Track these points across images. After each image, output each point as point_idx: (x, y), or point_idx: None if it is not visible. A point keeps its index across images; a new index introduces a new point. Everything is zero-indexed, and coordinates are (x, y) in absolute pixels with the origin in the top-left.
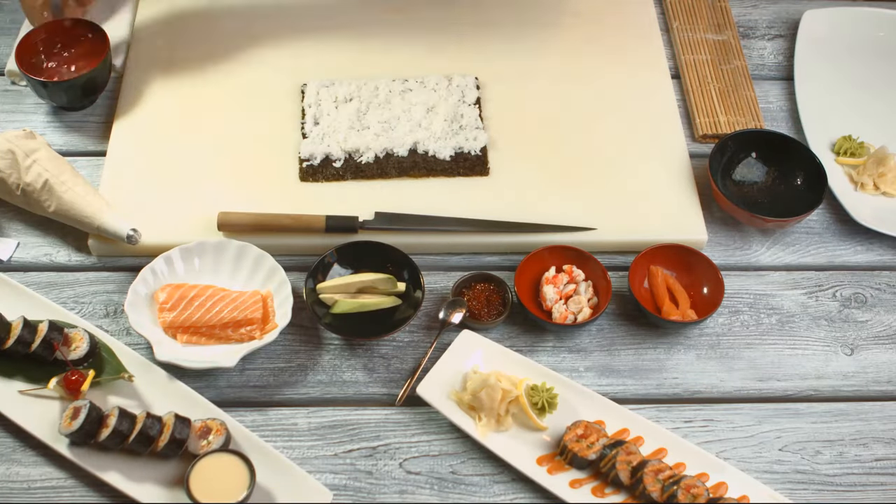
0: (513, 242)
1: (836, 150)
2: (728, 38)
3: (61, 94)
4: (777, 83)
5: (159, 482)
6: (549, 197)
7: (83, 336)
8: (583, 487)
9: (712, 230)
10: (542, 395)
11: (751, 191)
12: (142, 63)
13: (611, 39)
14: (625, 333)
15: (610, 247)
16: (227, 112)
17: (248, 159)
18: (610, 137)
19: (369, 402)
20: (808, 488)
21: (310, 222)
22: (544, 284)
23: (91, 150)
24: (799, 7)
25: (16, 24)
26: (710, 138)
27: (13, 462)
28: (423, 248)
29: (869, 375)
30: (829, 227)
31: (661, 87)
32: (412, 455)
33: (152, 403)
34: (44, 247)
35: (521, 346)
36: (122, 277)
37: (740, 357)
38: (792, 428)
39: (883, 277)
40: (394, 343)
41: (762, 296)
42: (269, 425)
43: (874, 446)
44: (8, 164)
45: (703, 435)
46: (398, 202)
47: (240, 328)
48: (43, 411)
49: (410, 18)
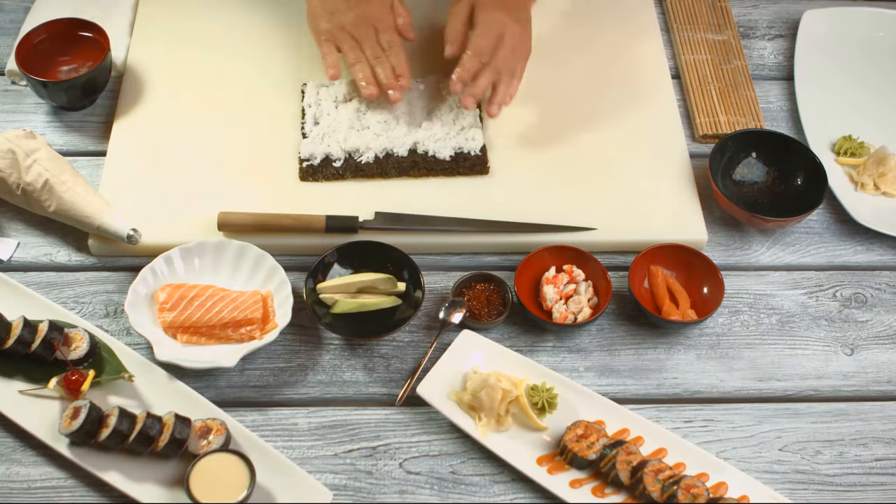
0: (513, 242)
1: (836, 150)
2: (728, 37)
3: (61, 93)
4: (777, 83)
5: (159, 482)
6: (550, 197)
7: (83, 336)
8: (583, 487)
9: (712, 230)
10: (543, 395)
11: (751, 191)
12: (142, 63)
13: (611, 39)
14: (625, 333)
15: (610, 247)
16: (228, 112)
17: (249, 159)
18: (610, 137)
19: (369, 402)
20: (808, 488)
21: (310, 222)
22: (544, 284)
23: (91, 149)
24: (799, 7)
25: (16, 23)
26: (711, 138)
27: (13, 462)
28: (423, 248)
29: (869, 375)
30: (829, 227)
31: (661, 87)
32: (412, 455)
33: (152, 403)
34: (44, 247)
35: (521, 346)
36: (123, 277)
37: (740, 357)
38: (792, 428)
39: (883, 277)
40: (394, 343)
41: (762, 296)
42: (269, 425)
43: (874, 446)
44: (8, 164)
45: (703, 435)
46: (398, 202)
47: (240, 328)
48: (43, 411)
49: None
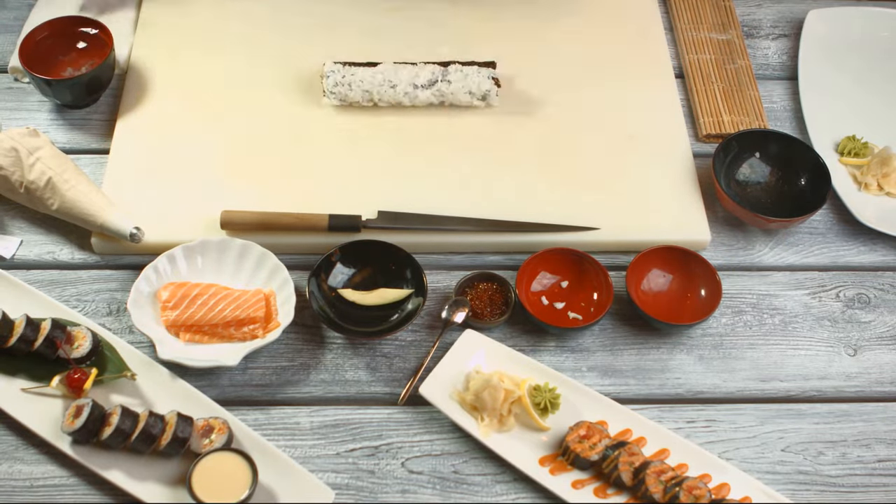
0: (516, 242)
1: (839, 150)
2: (732, 37)
3: (65, 91)
4: (781, 83)
5: (162, 481)
6: (553, 196)
7: (86, 334)
8: (585, 488)
9: (715, 230)
10: (545, 396)
11: (754, 191)
12: (145, 61)
13: (614, 38)
14: (627, 334)
15: (613, 246)
16: (231, 110)
17: (252, 157)
18: (613, 137)
19: (372, 401)
20: (811, 489)
21: (313, 221)
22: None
23: (94, 147)
24: (803, 7)
25: (19, 21)
26: (714, 138)
27: (16, 460)
28: (425, 247)
29: (872, 376)
30: (832, 227)
31: (665, 87)
32: (414, 454)
33: (155, 402)
34: (47, 245)
35: (524, 345)
36: (125, 276)
37: (743, 357)
38: (794, 429)
39: (886, 278)
40: (396, 342)
41: (765, 296)
42: (272, 424)
43: (877, 447)
44: (11, 162)
45: (706, 435)
46: (401, 201)
47: (242, 327)
48: (45, 409)
49: (409, 17)
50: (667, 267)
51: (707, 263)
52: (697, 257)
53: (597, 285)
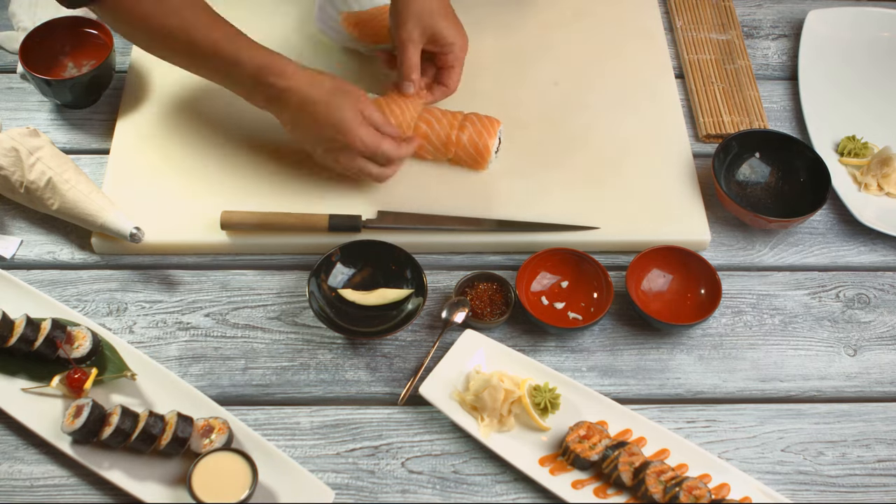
0: (516, 242)
1: (839, 150)
2: (732, 37)
3: (66, 91)
4: (781, 83)
5: (162, 481)
6: (552, 196)
7: (86, 334)
8: (585, 488)
9: (715, 230)
10: (545, 396)
11: (754, 191)
12: (146, 61)
13: (614, 38)
14: (627, 333)
15: (613, 246)
16: (232, 110)
17: (252, 158)
18: (613, 136)
19: (372, 401)
20: (811, 489)
21: (313, 221)
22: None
23: (95, 148)
24: (803, 7)
25: None
26: (714, 138)
27: (15, 460)
28: (425, 247)
29: (872, 376)
30: (832, 227)
31: (665, 87)
32: (414, 454)
33: (155, 402)
34: (47, 245)
35: (524, 345)
36: (125, 276)
37: (743, 357)
38: (794, 429)
39: (886, 278)
40: (396, 342)
41: (765, 296)
42: (272, 424)
43: (877, 447)
44: (11, 162)
45: (706, 435)
46: (401, 201)
47: None
48: (45, 409)
49: None
50: (667, 267)
51: (707, 263)
52: (697, 257)
53: (597, 285)
